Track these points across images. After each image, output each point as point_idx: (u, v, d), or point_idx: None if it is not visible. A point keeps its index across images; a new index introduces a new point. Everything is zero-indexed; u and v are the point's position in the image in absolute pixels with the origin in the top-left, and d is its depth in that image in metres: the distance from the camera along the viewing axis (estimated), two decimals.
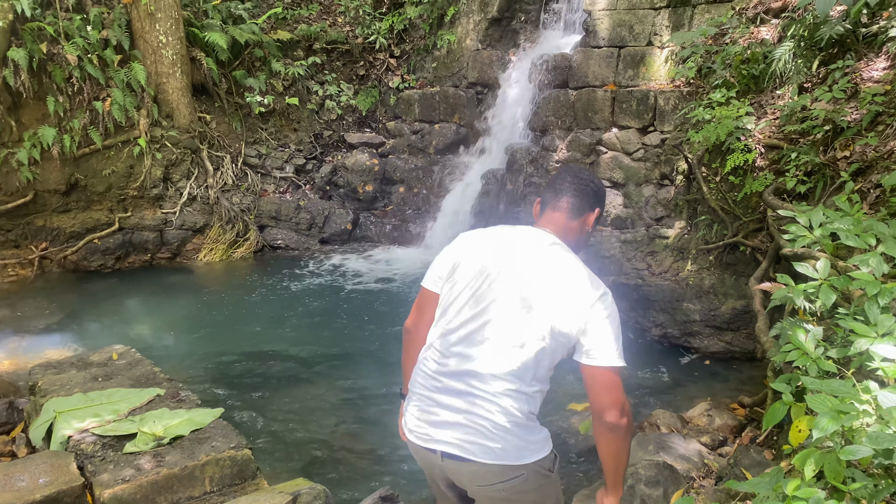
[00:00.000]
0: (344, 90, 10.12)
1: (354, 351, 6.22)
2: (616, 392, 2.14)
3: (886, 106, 4.96)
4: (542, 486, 2.28)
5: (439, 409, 2.26)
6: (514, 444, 2.18)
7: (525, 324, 2.19)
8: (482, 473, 2.19)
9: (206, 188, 9.03)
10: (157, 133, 8.60)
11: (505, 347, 2.19)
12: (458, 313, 2.29)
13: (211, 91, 9.33)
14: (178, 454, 3.40)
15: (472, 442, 2.18)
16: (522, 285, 2.22)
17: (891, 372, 2.44)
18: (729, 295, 5.90)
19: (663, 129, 7.52)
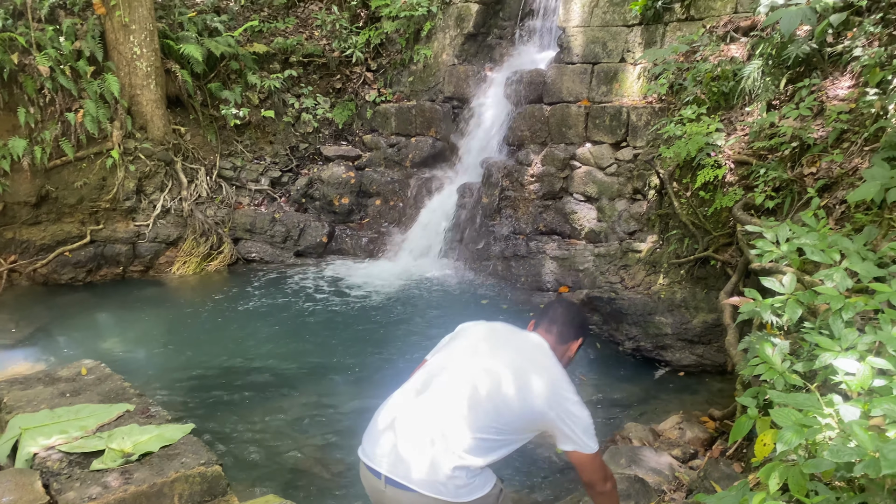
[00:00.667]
0: (320, 103, 10.12)
1: (328, 365, 6.19)
2: (601, 469, 2.62)
3: (851, 124, 5.08)
4: None
5: (398, 440, 2.48)
6: (454, 484, 2.39)
7: (495, 394, 2.50)
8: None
9: (180, 200, 8.96)
10: (131, 145, 8.53)
11: (477, 413, 2.47)
12: (442, 366, 2.67)
13: (186, 103, 9.28)
14: (147, 471, 3.36)
15: (419, 472, 2.39)
16: (506, 362, 2.58)
17: (854, 386, 2.49)
18: (700, 308, 5.98)
19: (636, 145, 7.62)
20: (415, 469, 2.39)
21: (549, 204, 8.42)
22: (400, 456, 2.44)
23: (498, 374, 2.54)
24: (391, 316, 7.38)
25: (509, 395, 2.50)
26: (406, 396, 2.64)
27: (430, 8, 9.63)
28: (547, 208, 8.43)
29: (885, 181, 3.91)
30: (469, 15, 9.56)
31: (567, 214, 8.21)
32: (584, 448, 2.54)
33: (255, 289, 8.28)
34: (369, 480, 2.54)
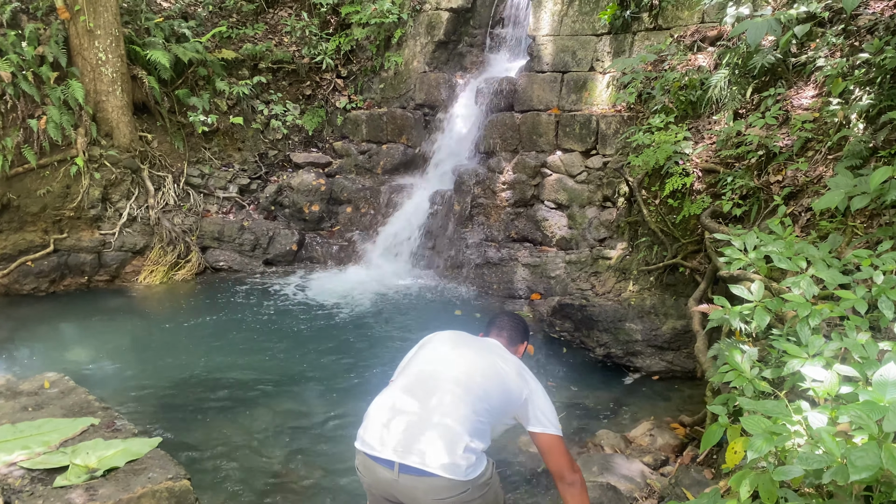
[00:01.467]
0: (290, 110, 10.05)
1: (298, 375, 6.12)
2: (566, 453, 2.83)
3: (815, 132, 5.18)
4: (484, 494, 2.69)
5: (406, 431, 2.65)
6: (464, 465, 2.59)
7: (482, 387, 2.76)
8: (437, 488, 2.56)
9: (146, 209, 8.82)
10: (96, 152, 8.37)
11: (467, 398, 2.71)
12: (425, 365, 2.92)
13: (153, 110, 9.15)
14: (113, 487, 3.28)
15: (434, 457, 2.57)
16: (486, 361, 2.88)
17: (821, 393, 2.52)
18: (669, 315, 6.03)
19: (605, 153, 7.69)
20: (429, 455, 2.57)
21: (520, 211, 8.45)
22: (411, 444, 2.60)
23: (478, 363, 2.85)
24: (362, 325, 7.33)
25: (492, 380, 2.80)
26: (400, 392, 2.82)
27: (400, 15, 9.63)
28: (518, 216, 8.46)
29: (849, 189, 3.99)
30: (440, 23, 9.58)
31: (538, 222, 8.25)
32: (550, 429, 2.82)
33: (224, 298, 8.18)
34: (375, 473, 2.68)
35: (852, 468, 1.82)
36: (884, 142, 4.50)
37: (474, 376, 2.78)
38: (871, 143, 4.56)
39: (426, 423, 2.64)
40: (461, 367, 2.83)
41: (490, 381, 2.80)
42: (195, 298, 8.21)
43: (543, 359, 6.45)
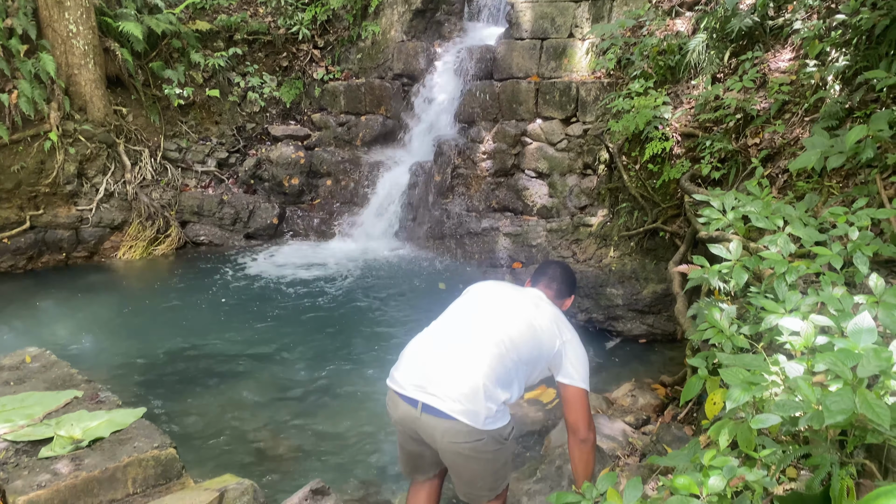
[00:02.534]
0: (267, 82, 9.93)
1: (281, 347, 6.12)
2: (586, 410, 2.88)
3: (792, 95, 5.21)
4: (497, 451, 2.75)
5: (432, 373, 2.73)
6: (483, 414, 2.64)
7: (509, 335, 2.79)
8: (454, 431, 2.65)
9: (123, 184, 8.71)
10: (70, 127, 8.24)
11: (494, 346, 2.75)
12: (459, 313, 2.96)
13: (127, 83, 9.00)
14: (98, 456, 3.28)
15: (455, 402, 2.64)
16: (519, 309, 2.90)
17: (798, 345, 2.57)
18: (650, 279, 6.09)
19: (585, 120, 7.69)
20: (450, 399, 2.64)
21: (501, 181, 8.45)
22: (436, 387, 2.68)
23: (511, 313, 2.87)
24: (344, 297, 7.34)
25: (523, 331, 2.81)
26: (434, 335, 2.90)
27: None
28: (499, 185, 8.46)
29: (825, 149, 4.03)
30: None
31: (519, 191, 8.25)
32: (577, 382, 2.86)
33: (205, 272, 8.13)
34: (401, 409, 2.78)
35: (827, 413, 1.86)
36: (860, 102, 4.54)
37: (506, 327, 2.81)
38: (847, 104, 4.60)
39: (452, 368, 2.71)
40: (494, 316, 2.86)
41: (521, 333, 2.81)
42: (176, 273, 8.17)
43: None
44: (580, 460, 2.88)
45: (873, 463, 2.02)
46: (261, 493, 2.98)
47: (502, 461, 2.81)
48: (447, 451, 2.74)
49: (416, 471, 3.06)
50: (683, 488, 2.13)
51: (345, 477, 4.14)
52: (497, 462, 2.79)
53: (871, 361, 1.97)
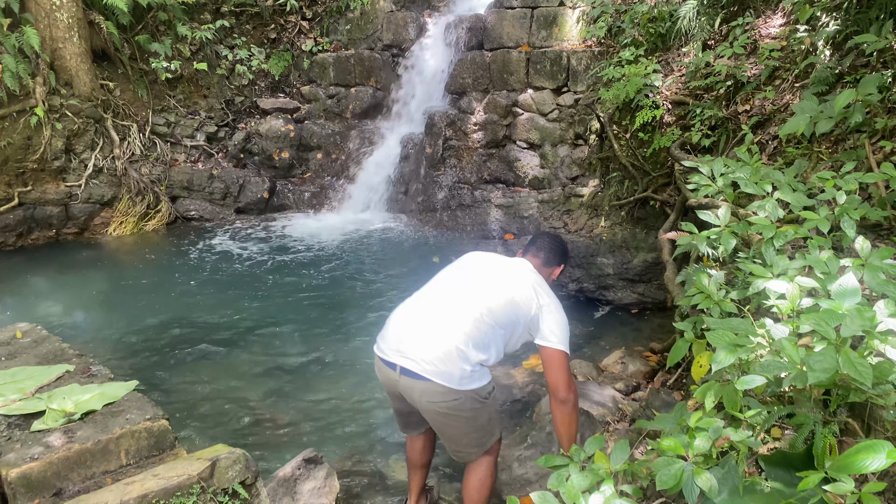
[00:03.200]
0: (255, 54, 9.82)
1: (272, 320, 6.13)
2: (566, 371, 2.93)
3: (782, 61, 5.19)
4: (477, 409, 2.87)
5: (409, 338, 2.87)
6: (458, 375, 2.77)
7: (485, 300, 2.91)
8: (430, 392, 2.78)
9: (112, 159, 8.64)
10: (56, 102, 8.15)
11: (470, 310, 2.87)
12: (442, 281, 3.09)
13: (113, 57, 8.89)
14: (91, 429, 3.29)
15: (431, 365, 2.77)
16: (499, 276, 3.02)
17: (785, 308, 2.58)
18: (640, 248, 6.10)
19: (576, 90, 7.65)
20: (425, 361, 2.78)
21: (492, 152, 8.42)
22: (413, 351, 2.82)
23: (490, 279, 3.00)
24: (337, 270, 7.34)
25: (500, 296, 2.92)
26: (416, 302, 3.04)
27: None
28: (491, 157, 8.43)
29: (814, 115, 4.01)
30: None
31: (511, 162, 8.23)
32: (555, 344, 2.93)
33: (196, 247, 8.11)
34: (384, 372, 2.95)
35: (810, 371, 1.88)
36: (849, 67, 4.52)
37: (483, 292, 2.92)
38: (837, 70, 4.58)
39: (428, 332, 2.84)
40: (473, 283, 2.99)
41: (498, 298, 2.91)
42: (167, 248, 8.14)
43: None
44: (561, 422, 2.95)
45: (856, 421, 2.04)
46: (252, 461, 2.99)
47: (484, 419, 2.92)
48: (427, 410, 2.88)
49: (407, 427, 3.26)
50: (670, 450, 2.15)
51: (338, 447, 4.17)
52: (478, 420, 2.90)
53: (855, 321, 1.99)
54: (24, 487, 2.93)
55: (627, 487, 2.28)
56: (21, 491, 2.93)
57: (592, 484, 2.24)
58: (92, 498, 2.81)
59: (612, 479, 2.24)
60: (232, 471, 2.94)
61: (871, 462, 1.55)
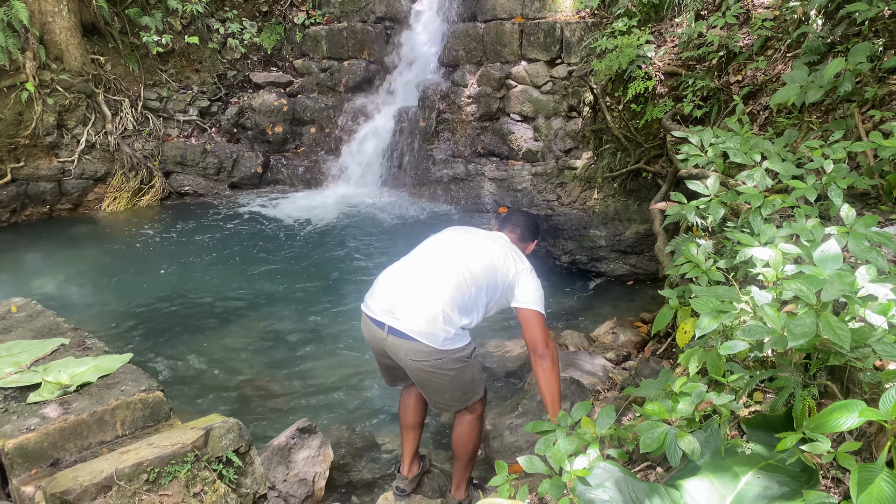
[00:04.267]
0: (247, 27, 9.73)
1: (267, 294, 6.16)
2: (542, 329, 3.07)
3: (775, 31, 5.17)
4: (459, 369, 3.02)
5: (397, 299, 3.02)
6: (442, 336, 2.92)
7: (468, 266, 3.07)
8: (415, 351, 2.94)
9: (105, 134, 8.61)
10: (47, 77, 8.09)
11: (454, 274, 3.03)
12: (427, 247, 3.27)
13: (103, 31, 8.81)
14: (87, 400, 3.33)
15: (416, 325, 2.93)
16: (479, 244, 3.19)
17: (770, 276, 2.61)
18: (632, 220, 6.13)
19: (570, 62, 7.60)
20: (412, 322, 2.93)
21: (486, 125, 8.40)
22: (401, 311, 2.97)
23: (470, 247, 3.17)
24: (331, 245, 7.35)
25: (480, 262, 3.08)
26: (403, 266, 3.20)
27: None
28: (484, 130, 8.40)
29: (805, 84, 4.02)
30: None
31: (504, 135, 8.21)
32: (530, 304, 3.08)
33: (190, 222, 8.12)
34: (372, 330, 3.09)
35: (790, 335, 1.91)
36: (841, 36, 4.51)
37: (466, 259, 3.08)
38: (828, 39, 4.56)
39: (416, 295, 2.99)
40: (457, 250, 3.15)
41: (480, 264, 3.08)
42: (161, 223, 8.15)
43: None
44: (542, 378, 3.06)
45: (835, 384, 2.08)
46: (246, 430, 3.04)
47: (466, 378, 3.08)
48: (411, 368, 3.02)
49: (395, 380, 3.40)
50: (654, 414, 2.20)
51: (332, 417, 4.23)
52: (460, 379, 3.05)
53: (835, 286, 2.02)
54: (21, 458, 2.97)
55: (613, 451, 2.33)
56: (18, 461, 2.97)
57: (578, 448, 2.29)
58: (88, 466, 2.85)
59: (597, 443, 2.29)
60: (226, 439, 2.98)
61: (844, 421, 1.59)
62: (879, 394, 1.64)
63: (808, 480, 1.83)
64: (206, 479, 2.87)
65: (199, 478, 2.85)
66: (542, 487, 2.18)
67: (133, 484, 2.75)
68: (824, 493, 1.71)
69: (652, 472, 2.37)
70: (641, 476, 2.37)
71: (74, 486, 2.70)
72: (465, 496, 3.38)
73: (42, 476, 2.96)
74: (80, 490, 2.69)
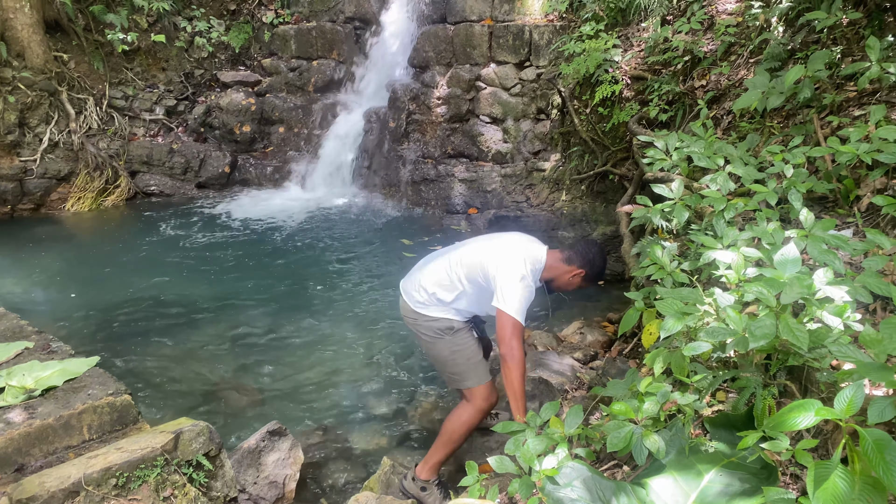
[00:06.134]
0: (214, 26, 9.64)
1: (235, 296, 6.12)
2: (512, 332, 3.09)
3: (738, 37, 5.28)
4: (432, 338, 3.35)
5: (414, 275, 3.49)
6: (416, 298, 3.36)
7: (461, 254, 3.33)
8: (402, 306, 3.46)
9: (68, 133, 8.47)
10: (8, 74, 7.94)
11: (445, 259, 3.36)
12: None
13: (66, 28, 8.66)
14: (53, 405, 3.29)
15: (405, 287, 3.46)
16: (488, 241, 3.39)
17: (732, 279, 2.69)
18: (600, 221, 6.22)
19: (539, 64, 7.68)
20: (412, 291, 3.40)
21: (456, 127, 8.43)
22: (409, 283, 3.44)
23: (481, 242, 3.38)
24: (300, 245, 7.33)
25: (476, 255, 3.26)
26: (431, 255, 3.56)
27: None
28: (454, 131, 8.44)
29: (766, 89, 4.12)
30: None
31: (474, 137, 8.25)
32: (501, 304, 3.10)
33: (157, 223, 8.02)
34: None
35: (751, 336, 1.97)
36: (801, 43, 4.63)
37: (468, 250, 3.33)
38: (789, 46, 4.69)
39: (418, 273, 3.44)
40: (468, 242, 3.44)
41: (473, 255, 3.27)
42: (127, 224, 8.03)
43: None
44: (504, 377, 3.14)
45: (794, 384, 2.15)
46: (216, 433, 3.03)
47: (444, 354, 3.33)
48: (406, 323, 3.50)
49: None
50: (620, 414, 2.25)
51: (303, 419, 4.23)
52: (436, 351, 3.35)
53: (794, 289, 2.09)
54: None
55: (581, 451, 2.37)
56: None
57: (547, 448, 2.33)
58: (55, 472, 2.82)
59: (566, 443, 2.33)
60: (196, 443, 2.97)
61: (801, 419, 1.65)
62: (835, 393, 1.71)
63: (768, 477, 1.89)
64: (176, 482, 2.85)
65: (168, 482, 2.84)
66: (512, 487, 2.22)
67: (101, 489, 2.73)
68: (783, 490, 1.77)
69: (619, 471, 2.42)
70: (609, 475, 2.42)
71: (41, 491, 2.66)
72: (427, 479, 3.37)
73: (7, 482, 2.92)
74: (46, 496, 2.66)
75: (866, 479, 1.56)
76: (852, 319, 2.08)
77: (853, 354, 1.86)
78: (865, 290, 2.25)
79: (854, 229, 3.22)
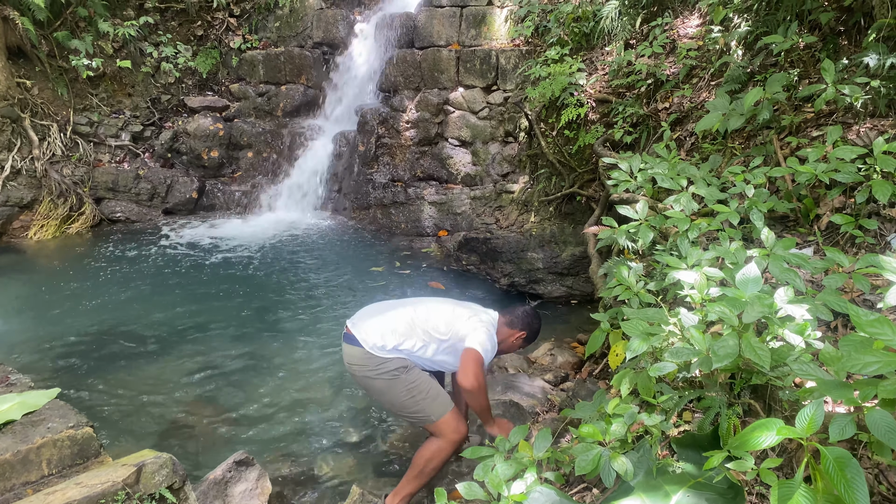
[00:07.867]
0: (181, 52, 9.59)
1: (201, 324, 6.02)
2: (475, 362, 3.17)
3: (699, 60, 5.39)
4: (391, 382, 3.30)
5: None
6: (370, 342, 3.33)
7: (427, 310, 3.42)
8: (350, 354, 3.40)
9: (31, 160, 8.33)
10: None
11: (407, 313, 3.41)
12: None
13: (30, 54, 8.55)
14: (10, 439, 3.19)
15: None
16: (455, 307, 3.47)
17: (696, 299, 2.71)
18: (568, 242, 6.25)
19: (506, 88, 7.76)
20: (368, 334, 3.34)
21: (425, 150, 8.47)
22: (363, 328, 3.38)
23: (439, 303, 3.48)
24: (268, 270, 7.25)
25: (443, 313, 3.38)
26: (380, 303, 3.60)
27: None
28: (424, 154, 8.47)
29: (727, 111, 4.20)
30: None
31: (443, 160, 8.29)
32: (472, 344, 3.22)
33: (122, 250, 7.89)
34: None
35: (715, 356, 1.99)
36: (760, 66, 4.74)
37: (427, 310, 3.41)
38: (748, 69, 4.79)
39: (375, 319, 3.44)
40: (426, 303, 3.48)
41: (440, 316, 3.37)
42: (91, 252, 7.89)
43: (451, 292, 6.59)
44: (469, 404, 3.32)
45: (758, 402, 2.16)
46: (180, 465, 2.96)
47: (402, 396, 3.30)
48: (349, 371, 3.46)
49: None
50: (589, 436, 2.24)
51: (270, 448, 4.15)
52: (395, 393, 3.30)
53: (755, 308, 2.11)
54: None
55: (550, 474, 2.36)
56: None
57: (517, 472, 2.31)
58: None
59: (535, 466, 2.32)
60: (158, 475, 2.90)
61: (764, 439, 1.66)
62: (798, 411, 1.72)
63: (734, 497, 1.90)
64: None
65: None
66: None
67: None
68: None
69: (588, 494, 2.41)
70: (578, 498, 2.40)
71: None
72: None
73: None
74: None
75: (828, 497, 1.57)
76: (813, 337, 2.11)
77: (814, 372, 1.88)
78: (826, 308, 2.28)
79: (815, 247, 3.28)
